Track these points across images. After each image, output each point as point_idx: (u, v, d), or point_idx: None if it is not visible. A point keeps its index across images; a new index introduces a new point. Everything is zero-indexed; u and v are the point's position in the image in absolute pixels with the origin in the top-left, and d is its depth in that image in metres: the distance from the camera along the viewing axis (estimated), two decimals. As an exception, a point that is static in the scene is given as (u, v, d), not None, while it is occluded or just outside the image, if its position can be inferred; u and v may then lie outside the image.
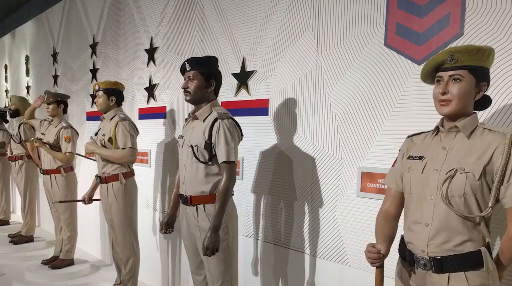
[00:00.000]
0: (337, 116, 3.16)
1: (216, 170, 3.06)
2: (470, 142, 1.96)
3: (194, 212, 3.11)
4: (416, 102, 2.70)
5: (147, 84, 5.16)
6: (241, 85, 3.90)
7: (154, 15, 5.04)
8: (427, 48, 2.64)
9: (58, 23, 7.62)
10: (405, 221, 2.15)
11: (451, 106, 1.94)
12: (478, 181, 1.88)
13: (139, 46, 5.32)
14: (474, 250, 1.92)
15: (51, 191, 5.56)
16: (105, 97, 4.40)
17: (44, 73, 8.26)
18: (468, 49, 1.92)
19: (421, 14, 2.66)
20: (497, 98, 2.35)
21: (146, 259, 4.90)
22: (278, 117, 3.60)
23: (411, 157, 2.14)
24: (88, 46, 6.52)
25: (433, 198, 1.98)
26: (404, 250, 2.14)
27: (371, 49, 2.95)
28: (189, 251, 3.32)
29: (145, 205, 5.22)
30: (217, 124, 3.00)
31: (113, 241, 4.58)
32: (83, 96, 6.76)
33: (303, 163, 3.42)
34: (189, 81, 3.08)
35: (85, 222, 6.24)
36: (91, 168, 5.89)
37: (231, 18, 4.00)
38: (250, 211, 3.89)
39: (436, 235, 1.96)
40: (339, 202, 3.18)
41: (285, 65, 3.52)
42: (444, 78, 1.96)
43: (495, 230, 2.31)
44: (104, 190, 4.41)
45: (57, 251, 5.79)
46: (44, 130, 5.64)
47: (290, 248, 3.55)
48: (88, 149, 4.38)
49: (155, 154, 5.11)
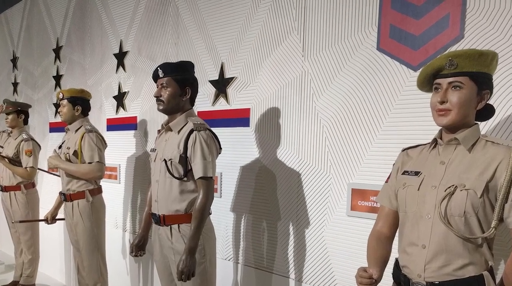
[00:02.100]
0: (325, 128, 3.15)
1: (192, 187, 3.02)
2: (471, 156, 1.94)
3: (168, 233, 3.07)
4: (411, 112, 2.69)
5: (116, 92, 5.12)
6: (219, 94, 3.88)
7: (124, 16, 5.01)
8: (424, 52, 2.63)
9: (18, 25, 7.54)
10: (400, 242, 2.13)
11: (450, 117, 1.92)
12: (480, 198, 1.86)
13: (107, 51, 5.28)
14: (476, 274, 1.89)
15: (10, 209, 5.47)
16: (69, 107, 4.33)
17: (2, 80, 8.15)
18: (469, 54, 1.90)
19: (417, 15, 2.66)
20: (501, 107, 2.34)
21: (114, 285, 4.83)
22: (260, 129, 3.58)
23: (407, 172, 2.12)
24: (51, 51, 6.46)
25: (431, 217, 1.96)
26: (398, 275, 2.11)
27: (363, 53, 2.94)
28: (162, 275, 3.27)
29: (114, 225, 5.16)
30: (193, 137, 2.97)
31: (78, 264, 4.51)
32: (45, 105, 6.68)
33: (287, 178, 3.39)
34: (163, 89, 3.05)
35: (48, 243, 6.15)
36: (54, 184, 5.83)
37: (208, 19, 3.98)
38: (230, 232, 3.85)
39: (434, 258, 1.94)
40: (327, 221, 3.15)
41: (268, 71, 3.50)
42: (442, 85, 1.94)
43: (499, 252, 2.29)
44: (68, 209, 4.33)
45: (17, 276, 5.72)
46: (2, 143, 5.57)
47: (273, 273, 3.51)
48: (51, 163, 4.32)
49: (124, 169, 5.06)
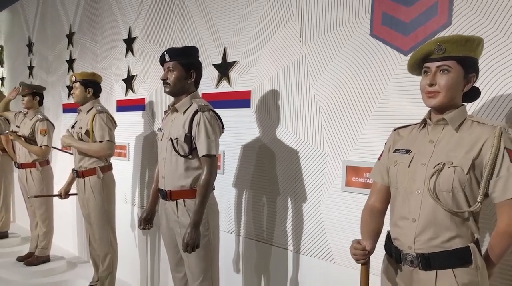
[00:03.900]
0: (321, 109, 3.13)
1: (196, 164, 3.02)
2: (459, 135, 1.94)
3: (174, 207, 3.07)
4: (402, 94, 2.67)
5: (125, 76, 5.09)
6: (222, 77, 3.85)
7: (133, 4, 4.96)
8: (414, 38, 2.61)
9: (33, 13, 7.49)
10: (391, 216, 2.13)
11: (438, 98, 1.92)
12: (467, 175, 1.86)
13: (117, 36, 5.24)
14: (463, 246, 1.90)
15: (26, 185, 5.48)
16: (82, 89, 4.34)
17: (19, 64, 8.12)
18: (456, 39, 1.89)
19: (408, 3, 2.63)
20: (486, 89, 2.32)
21: (124, 256, 4.84)
22: (260, 110, 3.56)
23: (398, 150, 2.12)
24: (65, 36, 6.41)
25: (420, 192, 1.96)
26: (390, 247, 2.11)
27: (357, 39, 2.91)
28: (169, 247, 3.28)
29: (123, 199, 5.16)
30: (198, 117, 2.96)
31: (90, 237, 4.54)
32: (59, 88, 6.66)
33: (286, 156, 3.38)
34: (169, 72, 3.04)
35: (61, 217, 6.16)
36: (67, 161, 5.82)
37: (211, 6, 3.94)
38: (232, 206, 3.85)
39: (423, 231, 1.94)
40: (323, 196, 3.15)
41: (268, 55, 3.48)
42: (431, 69, 1.93)
43: (484, 225, 2.29)
44: (81, 185, 4.35)
45: (33, 248, 5.74)
46: (19, 123, 5.56)
47: (272, 245, 3.51)
48: (64, 142, 4.33)
49: (133, 147, 5.05)
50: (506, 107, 2.28)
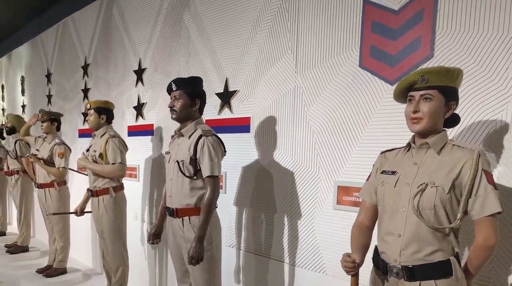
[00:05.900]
0: (315, 133, 3.14)
1: (200, 184, 3.02)
2: (440, 158, 1.95)
3: (180, 224, 3.06)
4: (389, 120, 2.69)
5: (136, 103, 5.10)
6: (224, 104, 3.87)
7: (143, 38, 4.99)
8: (399, 69, 2.63)
9: (52, 46, 7.53)
10: (379, 232, 2.12)
11: (422, 124, 1.93)
12: (448, 194, 1.87)
13: (128, 67, 5.26)
14: (444, 259, 1.90)
15: (45, 203, 5.44)
16: (96, 116, 4.34)
17: (38, 93, 8.13)
18: (438, 70, 1.91)
19: (394, 37, 2.66)
20: (465, 116, 2.34)
21: (134, 268, 4.81)
22: (259, 134, 3.57)
23: (384, 171, 2.12)
24: (80, 67, 6.44)
25: (405, 210, 1.96)
26: (377, 259, 2.11)
27: (347, 70, 2.93)
28: (175, 260, 3.26)
29: (134, 217, 5.14)
30: (202, 141, 2.96)
31: (103, 251, 4.50)
32: (75, 114, 6.67)
33: (282, 177, 3.38)
34: (175, 100, 3.05)
35: (77, 233, 6.11)
36: (83, 182, 5.80)
37: (215, 41, 3.97)
38: (233, 223, 3.83)
39: (408, 245, 1.94)
40: (316, 214, 3.14)
41: (266, 85, 3.49)
42: (415, 97, 1.95)
43: (464, 240, 2.29)
44: (95, 203, 4.33)
45: (51, 260, 5.68)
46: (38, 147, 5.55)
47: (270, 258, 3.50)
48: (80, 164, 4.33)
49: (143, 169, 5.04)
50: (484, 133, 2.30)
